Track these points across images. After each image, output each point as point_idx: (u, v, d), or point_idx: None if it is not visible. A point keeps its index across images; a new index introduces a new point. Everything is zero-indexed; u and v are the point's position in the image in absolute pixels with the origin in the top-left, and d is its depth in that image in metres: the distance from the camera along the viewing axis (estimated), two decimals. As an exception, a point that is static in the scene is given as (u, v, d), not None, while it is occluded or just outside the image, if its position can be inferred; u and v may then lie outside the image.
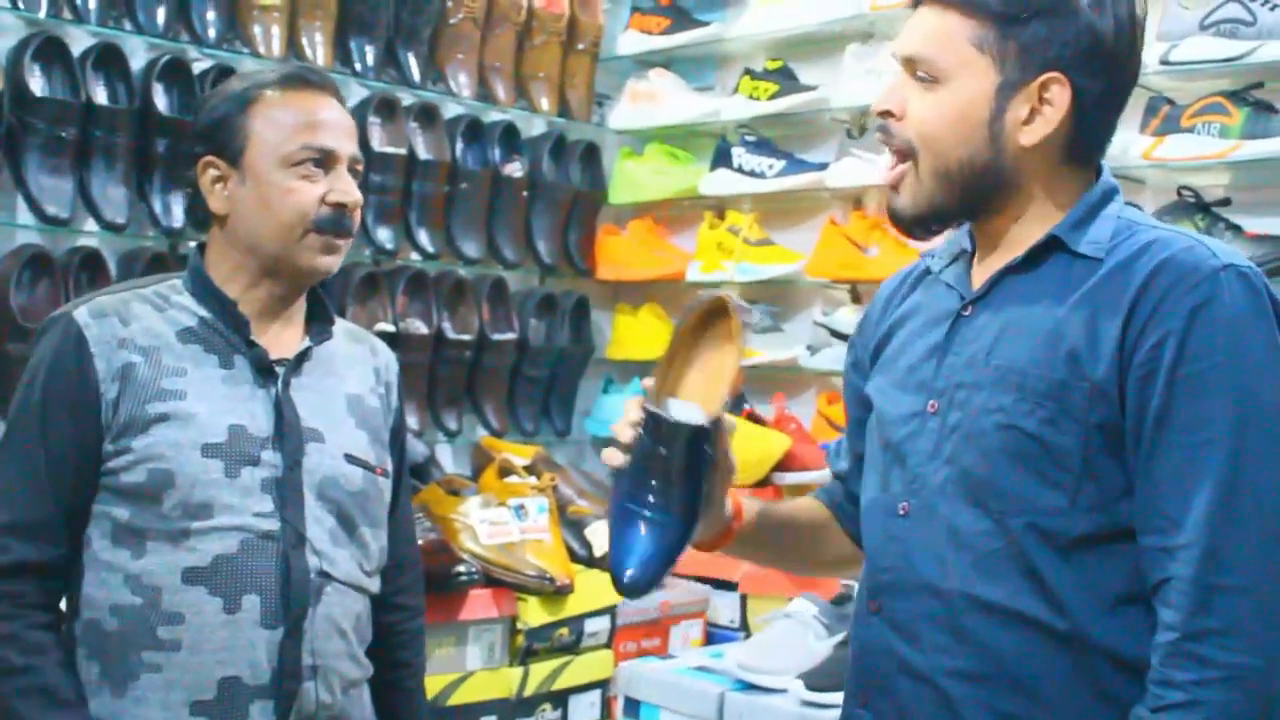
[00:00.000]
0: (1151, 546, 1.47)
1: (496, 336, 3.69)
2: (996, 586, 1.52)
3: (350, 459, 1.98)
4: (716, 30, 3.80)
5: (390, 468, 2.08)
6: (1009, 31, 1.53)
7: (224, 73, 3.08)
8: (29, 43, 2.91)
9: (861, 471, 1.76)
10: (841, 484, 1.88)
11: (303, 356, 1.99)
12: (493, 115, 3.76)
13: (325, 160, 1.94)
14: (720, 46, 3.86)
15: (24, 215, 2.95)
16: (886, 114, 1.59)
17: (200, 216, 2.00)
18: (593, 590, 3.05)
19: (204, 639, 1.82)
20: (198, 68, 3.13)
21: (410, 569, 2.19)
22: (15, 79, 2.88)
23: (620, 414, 3.90)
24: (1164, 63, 2.88)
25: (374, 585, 2.02)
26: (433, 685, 2.78)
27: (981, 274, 1.63)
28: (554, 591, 2.95)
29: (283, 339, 1.99)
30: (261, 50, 3.24)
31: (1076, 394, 1.49)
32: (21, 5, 2.92)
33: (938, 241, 1.73)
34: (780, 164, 3.58)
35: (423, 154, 3.54)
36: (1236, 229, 2.83)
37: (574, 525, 3.24)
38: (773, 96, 3.58)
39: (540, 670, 2.99)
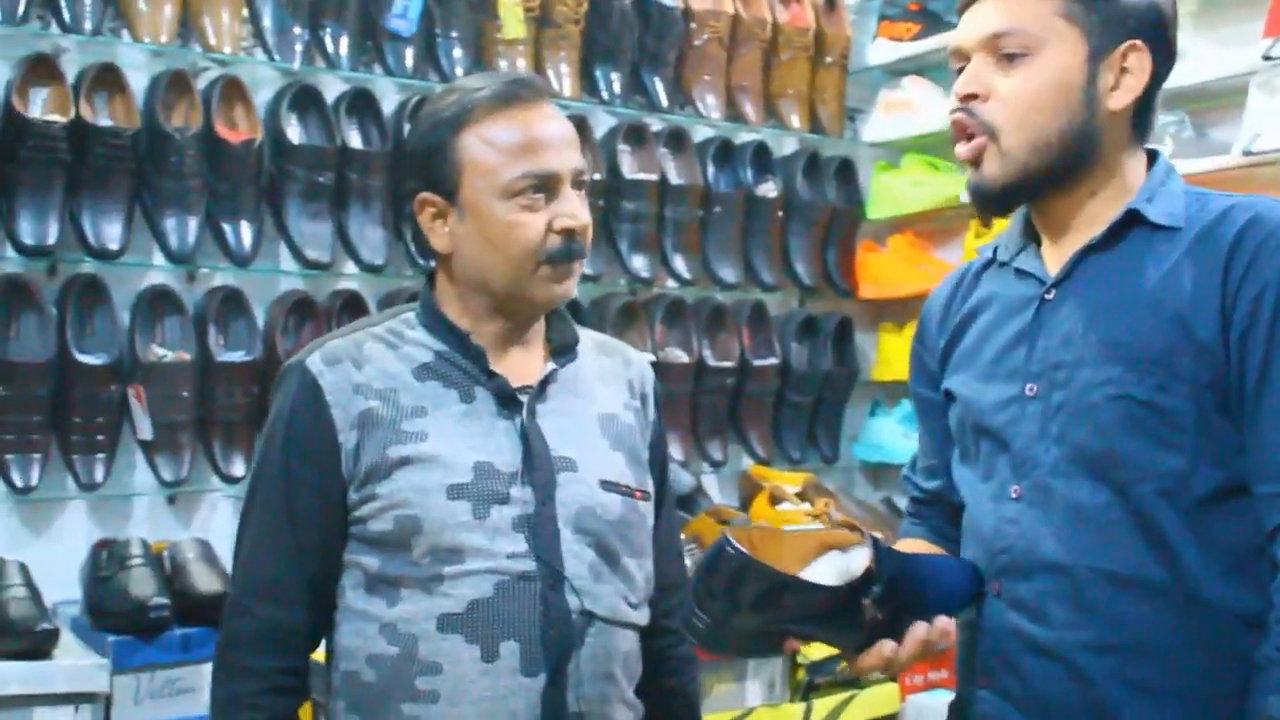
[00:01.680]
0: (1265, 494, 1.51)
1: (758, 362, 3.59)
2: (1121, 557, 1.55)
3: (606, 485, 1.85)
4: (971, 31, 3.63)
5: (651, 488, 1.94)
6: (1091, 4, 1.60)
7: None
8: (285, 93, 2.97)
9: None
10: (933, 506, 1.87)
11: (547, 380, 1.87)
12: (743, 136, 3.67)
13: (548, 184, 1.78)
14: (976, 47, 3.68)
15: (287, 262, 3.00)
16: (970, 98, 1.62)
17: (424, 250, 1.89)
18: (874, 620, 2.90)
19: (463, 690, 1.72)
20: (448, 106, 3.13)
21: (678, 590, 2.01)
22: (274, 129, 2.93)
23: (890, 438, 3.77)
24: None
25: (642, 618, 1.88)
26: (713, 723, 2.68)
27: (1055, 257, 1.67)
28: (834, 622, 2.81)
29: (524, 364, 1.87)
30: (509, 85, 3.22)
31: (1184, 357, 1.53)
32: (278, 57, 2.97)
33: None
34: (1048, 164, 3.38)
35: (674, 179, 3.47)
36: None
37: (850, 553, 3.09)
38: (1037, 93, 3.39)
39: (824, 706, 2.85)
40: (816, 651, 2.82)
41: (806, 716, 2.82)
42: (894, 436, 3.75)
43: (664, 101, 3.50)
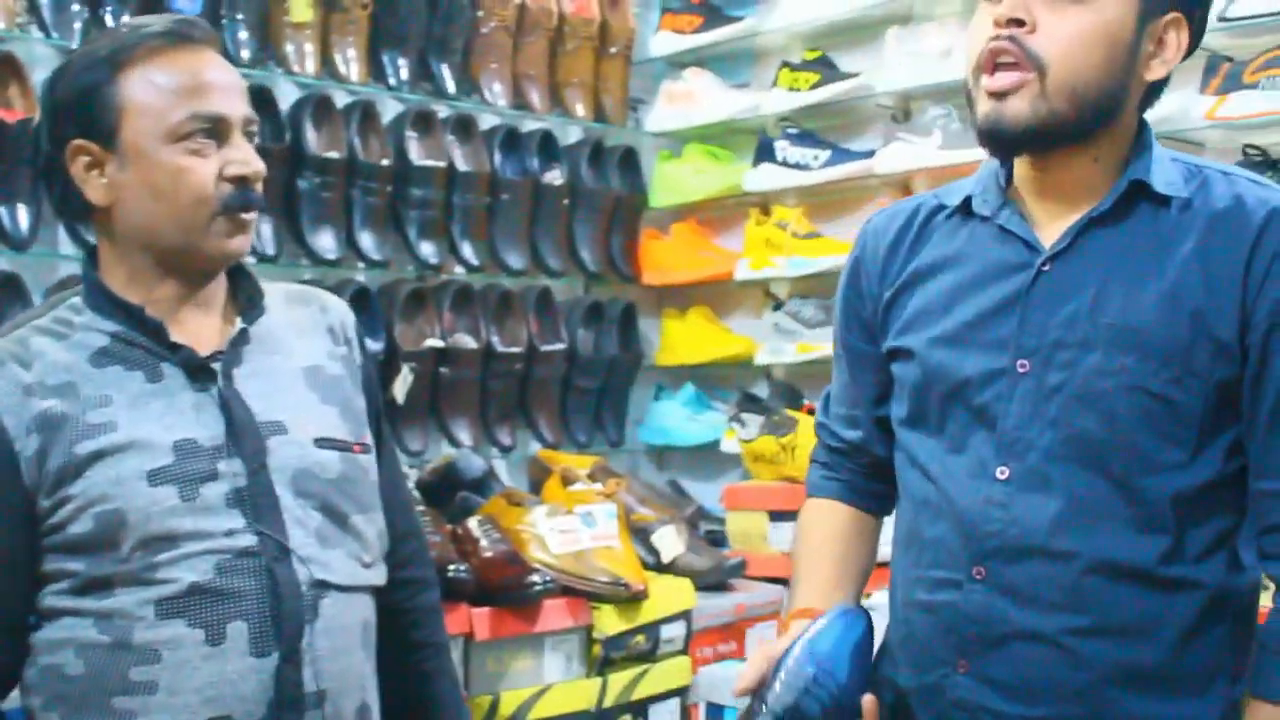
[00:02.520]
0: (1268, 490, 1.52)
1: (545, 348, 3.63)
2: (1117, 544, 1.52)
3: (321, 443, 1.74)
4: (750, 25, 3.74)
5: (370, 440, 1.83)
6: None
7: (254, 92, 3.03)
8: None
9: (881, 434, 1.76)
10: (850, 457, 1.82)
11: (239, 342, 1.74)
12: (529, 124, 3.71)
13: (218, 129, 1.66)
14: (755, 41, 3.80)
15: (66, 245, 2.91)
16: (1015, 23, 1.51)
17: (74, 209, 1.72)
18: (666, 596, 2.98)
19: (184, 678, 1.60)
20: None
21: (411, 538, 1.94)
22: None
23: (674, 421, 3.84)
24: (1222, 19, 2.81)
25: (379, 577, 1.80)
26: (512, 700, 2.72)
27: (1047, 221, 1.59)
28: (629, 598, 2.87)
29: (208, 329, 1.74)
30: (295, 69, 3.20)
31: (1201, 353, 1.50)
32: (55, 34, 2.89)
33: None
34: (825, 154, 3.52)
35: (462, 166, 3.48)
36: (1308, 185, 2.77)
37: (640, 533, 3.16)
38: (814, 86, 3.51)
39: (619, 680, 2.91)
40: (611, 627, 2.88)
41: (602, 691, 2.88)
42: (678, 420, 3.84)
43: (451, 88, 3.51)
